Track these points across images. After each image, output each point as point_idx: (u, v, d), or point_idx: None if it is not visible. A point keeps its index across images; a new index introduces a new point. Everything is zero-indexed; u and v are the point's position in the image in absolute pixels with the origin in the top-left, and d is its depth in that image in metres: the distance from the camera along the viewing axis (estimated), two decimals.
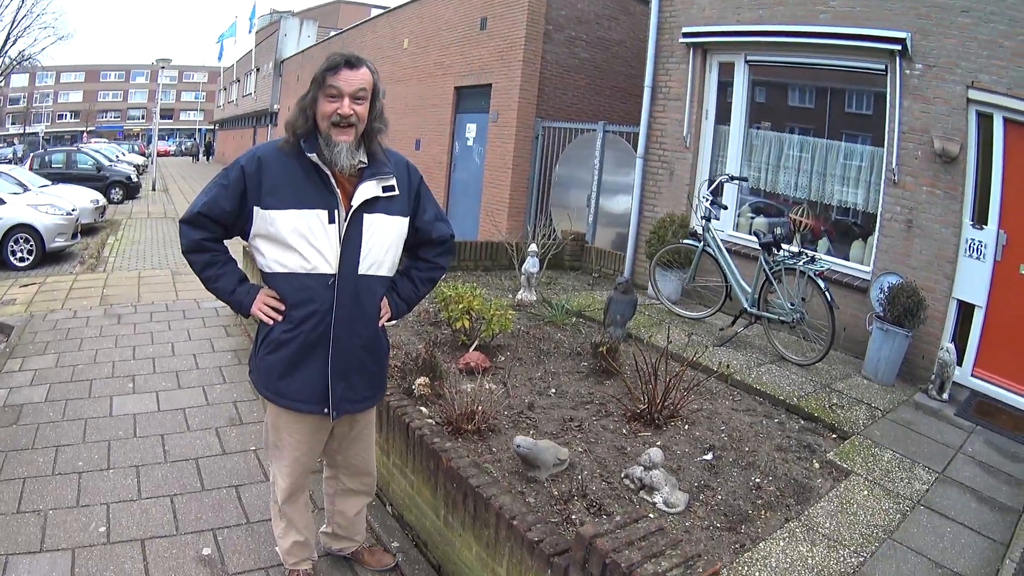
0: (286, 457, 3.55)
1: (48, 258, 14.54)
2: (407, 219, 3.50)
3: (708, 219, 8.53)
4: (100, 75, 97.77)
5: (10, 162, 36.49)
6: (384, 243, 3.37)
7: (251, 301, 3.32)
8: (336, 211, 3.22)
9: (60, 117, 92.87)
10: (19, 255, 14.01)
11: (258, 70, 46.51)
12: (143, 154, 52.51)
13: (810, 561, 4.03)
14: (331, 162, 3.19)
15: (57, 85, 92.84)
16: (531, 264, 9.08)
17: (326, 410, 3.40)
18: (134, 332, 8.60)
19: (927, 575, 4.07)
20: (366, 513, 4.19)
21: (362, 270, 3.30)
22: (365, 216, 3.28)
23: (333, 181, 3.21)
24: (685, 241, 8.97)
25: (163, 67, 38.32)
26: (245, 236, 3.33)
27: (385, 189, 3.33)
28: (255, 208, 3.19)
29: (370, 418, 3.83)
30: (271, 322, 3.30)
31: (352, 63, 3.15)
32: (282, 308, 3.27)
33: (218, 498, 4.88)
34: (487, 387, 5.55)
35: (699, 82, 10.00)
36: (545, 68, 14.91)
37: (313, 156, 3.17)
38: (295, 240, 3.17)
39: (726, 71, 9.90)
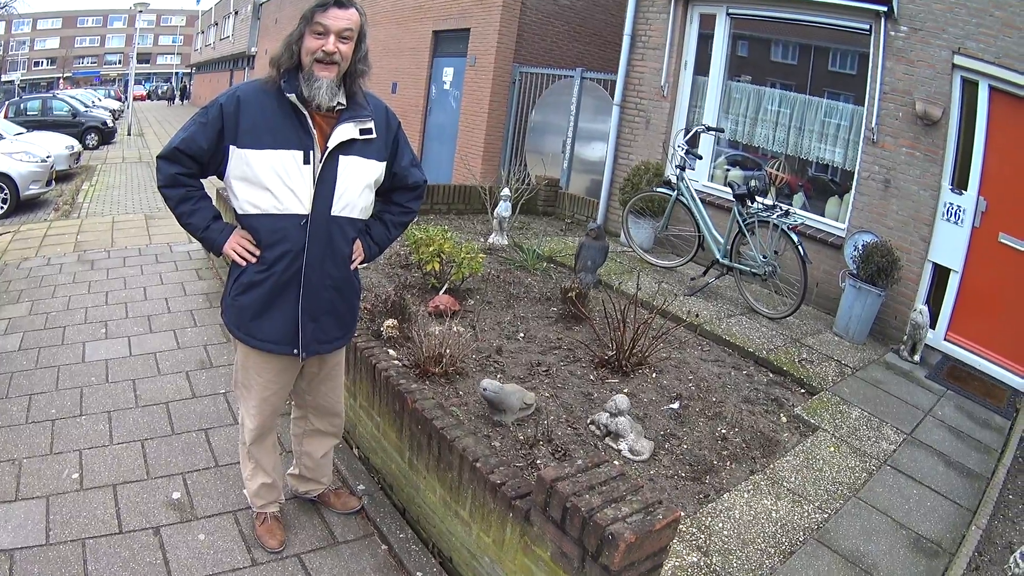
0: (255, 397, 3.59)
1: (23, 206, 14.42)
2: (383, 163, 3.50)
3: (683, 168, 8.53)
4: (77, 21, 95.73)
5: None
6: (358, 185, 3.37)
7: (224, 239, 3.31)
8: (311, 152, 3.21)
9: (36, 64, 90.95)
10: None
11: (236, 13, 45.86)
12: (119, 99, 51.91)
13: (774, 515, 4.10)
14: (310, 99, 3.19)
15: (33, 32, 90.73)
16: (503, 208, 9.08)
17: (295, 351, 3.43)
18: (107, 277, 8.53)
19: (891, 535, 4.13)
20: (333, 456, 4.22)
21: (335, 211, 3.31)
22: (341, 158, 3.28)
23: (310, 122, 3.21)
24: (659, 189, 8.95)
25: (140, 11, 37.66)
26: (221, 176, 3.32)
27: (362, 132, 3.33)
28: (231, 147, 3.19)
29: (339, 359, 3.87)
30: (243, 263, 3.30)
31: (342, 3, 3.13)
32: (256, 251, 3.28)
33: (188, 442, 4.91)
34: (455, 330, 5.58)
35: (679, 32, 9.91)
36: (524, 13, 14.73)
37: (292, 96, 3.17)
38: (269, 180, 3.17)
39: (707, 23, 9.80)
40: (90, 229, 11.48)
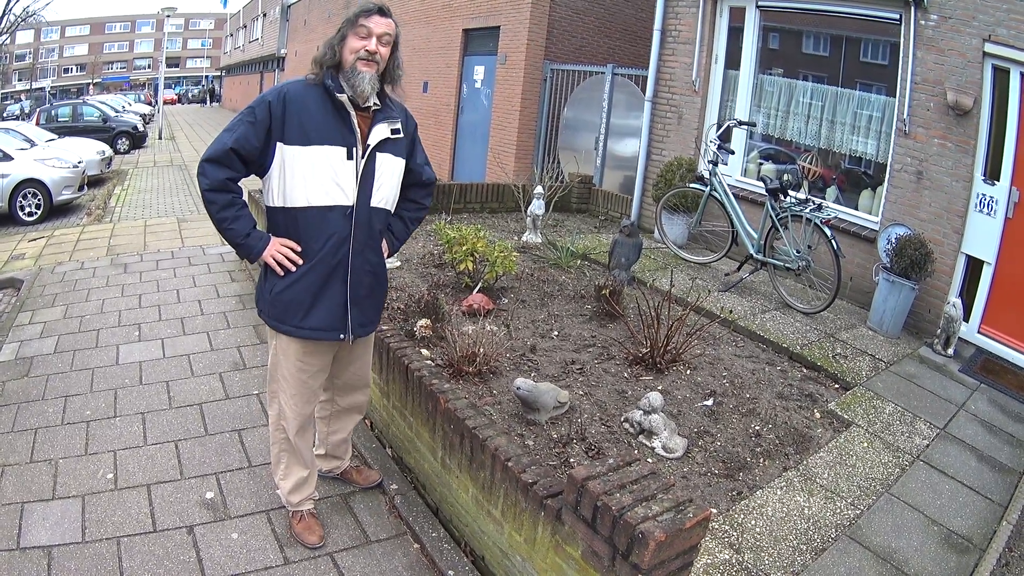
0: (297, 385, 3.69)
1: (56, 211, 14.70)
2: (405, 160, 3.71)
3: (715, 163, 8.48)
4: (105, 27, 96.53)
5: (17, 118, 36.63)
6: (391, 180, 3.63)
7: (263, 247, 3.42)
8: (354, 148, 3.42)
9: (66, 71, 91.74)
10: (28, 210, 14.20)
11: (265, 15, 46.08)
12: (150, 103, 52.41)
13: (806, 511, 4.07)
14: (353, 93, 3.38)
15: (62, 39, 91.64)
16: (537, 206, 9.08)
17: (343, 335, 3.61)
18: (140, 281, 8.62)
19: (923, 531, 4.08)
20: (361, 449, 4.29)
21: (373, 203, 3.55)
22: (377, 155, 3.51)
23: (355, 121, 3.42)
24: (692, 185, 8.89)
25: (168, 16, 37.92)
26: (261, 173, 3.45)
27: (392, 131, 3.58)
28: (278, 143, 3.35)
29: (370, 339, 4.06)
30: (281, 272, 3.43)
31: (383, 11, 3.39)
32: (298, 261, 3.43)
33: (221, 442, 4.95)
34: (489, 329, 5.57)
35: (709, 26, 9.84)
36: (554, 10, 14.67)
37: (343, 96, 3.37)
38: (317, 175, 3.36)
39: (737, 16, 9.72)
40: (122, 233, 11.62)
